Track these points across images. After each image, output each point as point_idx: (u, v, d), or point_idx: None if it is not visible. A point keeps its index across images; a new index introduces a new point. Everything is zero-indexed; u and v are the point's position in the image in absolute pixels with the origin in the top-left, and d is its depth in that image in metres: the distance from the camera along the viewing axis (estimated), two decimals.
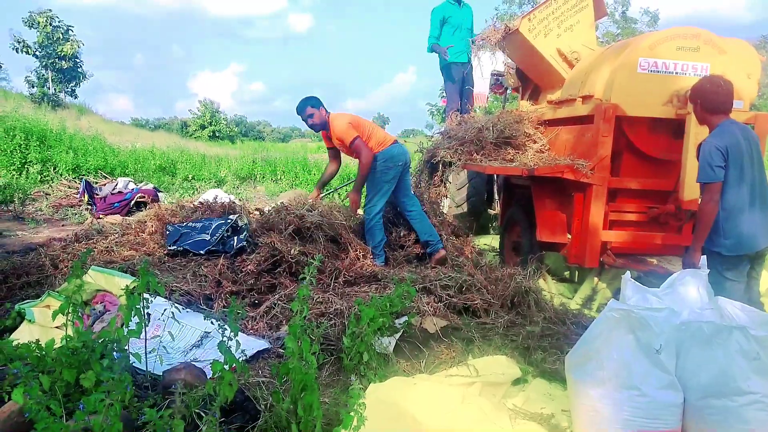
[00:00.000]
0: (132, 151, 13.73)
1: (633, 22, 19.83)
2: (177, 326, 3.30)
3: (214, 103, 43.99)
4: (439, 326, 3.63)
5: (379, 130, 4.92)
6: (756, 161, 3.24)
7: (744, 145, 3.18)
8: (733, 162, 3.13)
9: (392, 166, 4.77)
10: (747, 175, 3.17)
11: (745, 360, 2.18)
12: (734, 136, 3.18)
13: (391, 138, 4.91)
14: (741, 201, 3.15)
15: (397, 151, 4.82)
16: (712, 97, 3.29)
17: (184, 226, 4.75)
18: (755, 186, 3.20)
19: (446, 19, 6.72)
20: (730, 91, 3.30)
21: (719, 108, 3.29)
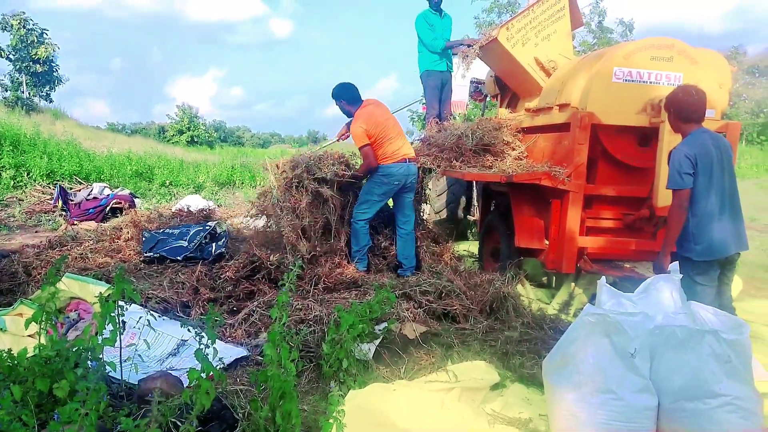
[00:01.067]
0: (108, 156, 13.52)
1: (609, 31, 20.16)
2: (153, 334, 3.24)
3: (192, 108, 43.51)
4: (418, 332, 3.64)
5: (393, 143, 4.78)
6: (726, 169, 3.31)
7: (714, 153, 3.26)
8: (703, 169, 3.20)
9: (387, 182, 4.78)
10: (717, 183, 3.24)
11: (716, 363, 2.23)
12: (704, 144, 3.26)
13: (400, 155, 4.78)
14: (711, 207, 3.22)
15: (396, 171, 4.76)
16: (685, 106, 3.37)
17: (161, 233, 4.70)
18: (725, 193, 3.27)
19: (431, 26, 6.76)
20: (702, 100, 3.37)
21: (692, 117, 3.36)
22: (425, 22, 6.76)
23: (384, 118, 4.83)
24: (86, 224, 7.73)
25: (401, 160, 4.78)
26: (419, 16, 6.84)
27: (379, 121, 4.76)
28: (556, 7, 5.46)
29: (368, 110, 4.83)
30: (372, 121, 4.73)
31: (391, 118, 4.94)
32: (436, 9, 6.78)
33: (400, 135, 4.89)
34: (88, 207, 8.75)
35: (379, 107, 4.90)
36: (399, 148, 4.80)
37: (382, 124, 4.76)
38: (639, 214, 4.44)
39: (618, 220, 4.64)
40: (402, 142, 4.87)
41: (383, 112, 4.89)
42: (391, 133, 4.79)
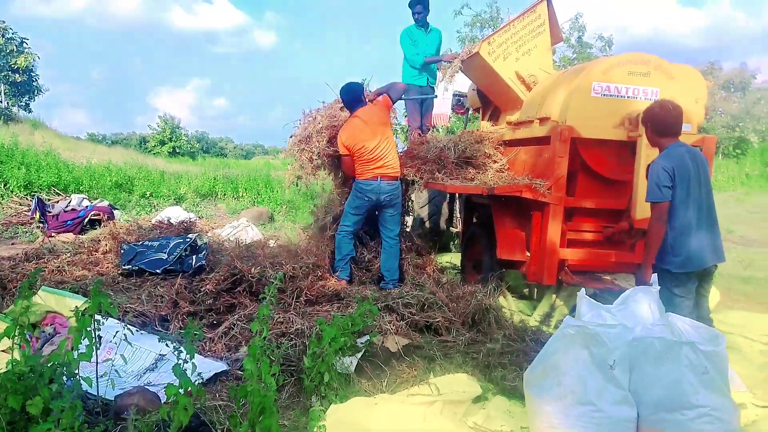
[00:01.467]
0: (87, 167, 13.32)
1: (588, 47, 20.51)
2: (130, 349, 3.19)
3: (174, 119, 43.22)
4: (401, 345, 3.63)
5: (370, 161, 4.83)
6: (703, 182, 3.37)
7: (691, 166, 3.32)
8: (680, 182, 3.26)
9: (359, 197, 4.90)
10: (694, 195, 3.30)
11: (694, 375, 2.26)
12: (682, 157, 3.32)
13: (373, 173, 4.83)
14: (688, 220, 3.28)
15: (365, 187, 4.84)
16: (662, 120, 3.43)
17: (140, 245, 4.64)
18: (702, 206, 3.33)
19: (414, 42, 6.80)
20: (679, 114, 3.44)
21: (668, 131, 3.43)
22: (408, 37, 6.82)
23: (365, 134, 4.82)
24: (64, 236, 7.58)
25: (373, 178, 4.83)
26: (404, 31, 6.89)
27: (359, 137, 4.82)
28: (536, 23, 5.54)
29: (354, 123, 4.89)
30: (352, 136, 4.82)
31: (375, 135, 4.85)
32: (421, 25, 6.83)
33: (381, 152, 4.85)
34: (66, 219, 8.60)
35: (366, 122, 4.86)
36: (376, 166, 4.83)
37: (361, 141, 4.81)
38: (618, 226, 4.50)
39: (598, 232, 4.69)
40: (383, 160, 4.85)
41: (369, 127, 4.85)
42: (367, 152, 4.81)
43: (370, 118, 4.88)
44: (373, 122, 4.87)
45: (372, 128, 4.84)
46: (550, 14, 5.62)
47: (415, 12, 6.74)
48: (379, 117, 4.90)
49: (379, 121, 4.88)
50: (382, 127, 4.90)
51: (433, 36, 6.95)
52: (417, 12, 6.74)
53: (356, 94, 5.02)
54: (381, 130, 4.89)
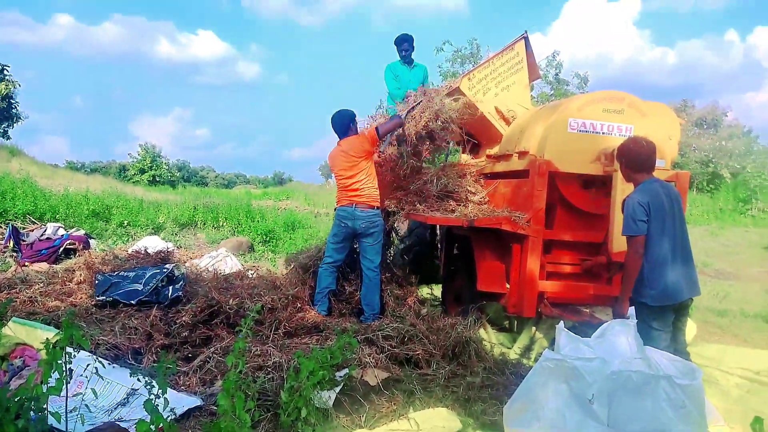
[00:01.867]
0: (65, 195, 13.13)
1: (565, 84, 21.10)
2: (101, 383, 3.10)
3: (155, 147, 43.03)
4: (380, 378, 3.58)
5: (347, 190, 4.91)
6: (677, 216, 3.44)
7: (666, 201, 3.39)
8: (656, 217, 3.32)
9: (337, 224, 4.97)
10: (668, 229, 3.36)
11: (671, 409, 2.27)
12: (656, 192, 3.39)
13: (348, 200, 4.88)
14: (664, 254, 3.33)
15: (343, 214, 4.92)
16: (636, 156, 3.52)
17: (116, 275, 4.56)
18: (677, 239, 3.39)
19: (396, 77, 6.91)
20: (652, 151, 3.54)
21: (642, 166, 3.51)
22: (392, 72, 6.95)
23: (343, 164, 4.92)
24: (38, 266, 7.41)
25: (348, 204, 4.89)
26: (388, 66, 7.02)
27: (337, 165, 4.99)
28: (514, 60, 5.70)
29: (335, 152, 5.05)
30: (332, 163, 5.07)
31: (352, 167, 4.89)
32: (406, 61, 6.94)
33: (357, 183, 4.89)
34: (41, 248, 8.41)
35: (345, 152, 4.92)
36: (352, 194, 4.89)
37: (333, 165, 5.05)
38: (596, 259, 4.55)
39: (576, 265, 4.74)
40: (359, 191, 4.88)
41: (346, 158, 4.92)
42: (343, 179, 4.93)
43: (349, 149, 4.92)
44: (351, 155, 4.90)
45: (349, 160, 4.89)
46: (528, 52, 5.79)
47: (401, 49, 6.88)
48: (357, 150, 4.90)
49: (356, 154, 4.89)
50: (360, 161, 4.90)
51: (417, 71, 7.06)
52: (404, 49, 6.88)
53: (343, 124, 5.09)
54: (359, 164, 4.90)
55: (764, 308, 6.87)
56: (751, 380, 4.22)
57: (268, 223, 12.90)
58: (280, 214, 14.34)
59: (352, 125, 5.13)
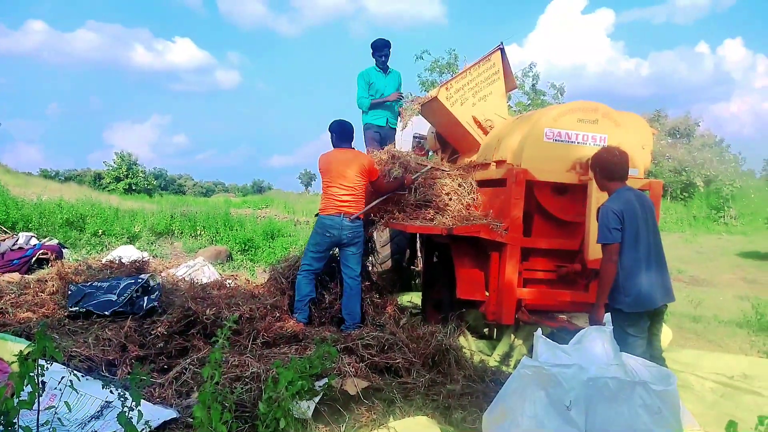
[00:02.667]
0: (38, 203, 12.86)
1: (542, 94, 21.45)
2: (75, 396, 3.02)
3: (132, 155, 42.37)
4: (360, 387, 3.56)
5: (333, 195, 4.86)
6: (651, 224, 3.50)
7: (639, 209, 3.45)
8: (629, 225, 3.38)
9: (320, 232, 4.88)
10: (642, 237, 3.42)
11: (647, 414, 2.30)
12: (629, 201, 3.45)
13: (336, 209, 4.85)
14: (638, 261, 3.38)
15: (327, 222, 4.86)
16: (609, 165, 3.58)
17: (89, 286, 4.46)
18: (651, 247, 3.44)
19: (370, 84, 6.95)
20: (625, 160, 3.60)
21: (615, 175, 3.57)
22: (363, 80, 6.95)
23: (336, 166, 4.88)
24: (9, 276, 7.21)
25: (335, 213, 4.83)
26: (361, 73, 7.03)
27: (329, 166, 4.91)
28: (491, 71, 5.77)
29: (332, 157, 5.01)
30: (327, 164, 4.95)
31: (345, 172, 4.87)
32: (381, 66, 6.98)
33: (345, 189, 4.87)
34: (13, 258, 8.22)
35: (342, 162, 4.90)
36: (339, 201, 4.85)
37: (327, 170, 4.91)
38: (572, 266, 4.61)
39: (553, 272, 4.79)
40: (346, 197, 4.87)
41: (341, 161, 4.91)
42: (333, 184, 4.85)
43: (353, 163, 4.90)
44: (355, 170, 4.88)
45: (349, 173, 4.87)
46: (504, 63, 5.87)
47: (381, 54, 6.89)
48: (362, 171, 4.91)
49: (359, 173, 4.89)
50: (360, 180, 4.91)
51: (392, 77, 7.10)
52: (384, 54, 6.90)
53: (349, 134, 5.11)
54: (359, 181, 4.90)
55: (737, 314, 7.02)
56: (725, 385, 4.31)
57: (247, 232, 12.77)
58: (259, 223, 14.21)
59: (352, 137, 5.15)
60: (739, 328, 6.47)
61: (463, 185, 5.33)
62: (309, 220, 20.97)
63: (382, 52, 6.89)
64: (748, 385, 4.32)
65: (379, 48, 6.88)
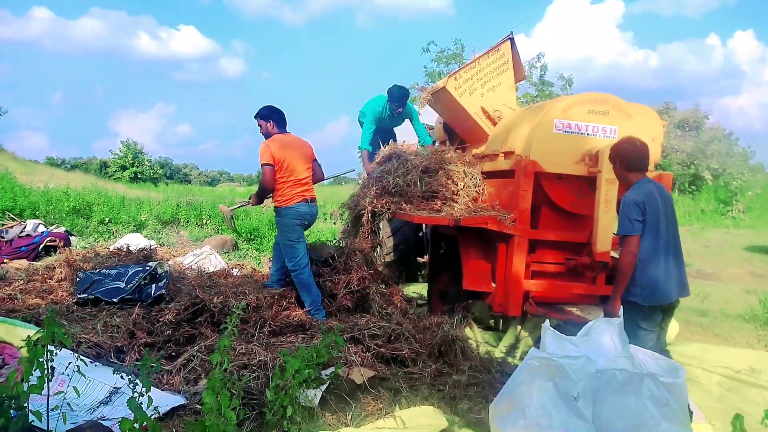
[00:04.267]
0: (45, 191, 12.90)
1: (550, 85, 21.28)
2: (83, 381, 3.05)
3: (137, 144, 42.41)
4: (366, 377, 3.57)
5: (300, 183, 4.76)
6: (670, 216, 3.43)
7: (660, 201, 3.37)
8: (650, 216, 3.30)
9: (298, 223, 4.78)
10: (662, 230, 3.34)
11: (655, 406, 2.29)
12: (651, 192, 3.37)
13: (304, 195, 4.78)
14: (656, 253, 3.32)
15: (303, 210, 4.79)
16: (631, 156, 3.49)
17: (97, 273, 4.48)
18: (669, 240, 3.37)
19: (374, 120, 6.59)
20: (646, 151, 3.52)
21: (636, 166, 3.48)
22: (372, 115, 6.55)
23: (298, 159, 4.79)
24: (17, 263, 7.28)
25: (303, 201, 4.78)
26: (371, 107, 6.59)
27: (293, 157, 4.75)
28: (500, 61, 5.72)
29: (283, 137, 4.83)
30: (282, 148, 4.73)
31: (305, 157, 4.85)
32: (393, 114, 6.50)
33: (307, 177, 4.85)
34: (21, 245, 8.27)
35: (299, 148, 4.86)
36: (306, 189, 4.82)
37: (290, 156, 4.73)
38: (580, 259, 4.59)
39: (560, 264, 4.78)
40: (309, 183, 4.87)
41: (301, 154, 4.85)
42: (295, 174, 4.74)
43: (306, 149, 4.89)
44: (309, 156, 4.89)
45: (307, 159, 4.86)
46: (514, 53, 5.82)
47: (395, 107, 6.39)
48: (311, 154, 4.94)
49: (311, 157, 4.92)
50: (310, 162, 4.90)
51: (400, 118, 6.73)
52: (402, 105, 6.40)
53: (284, 117, 4.96)
54: (306, 155, 4.88)
55: (744, 308, 6.99)
56: (732, 378, 4.29)
57: (253, 221, 12.80)
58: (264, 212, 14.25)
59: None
60: (746, 322, 6.44)
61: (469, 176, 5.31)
62: None
63: (399, 103, 6.36)
64: (754, 379, 4.30)
65: (396, 99, 6.33)
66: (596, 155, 4.36)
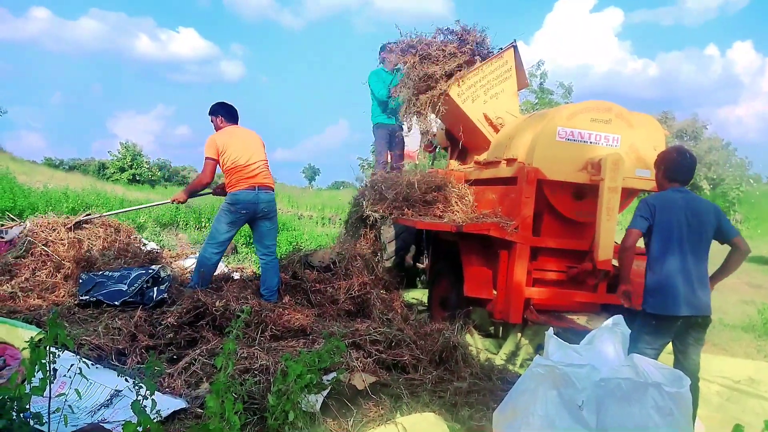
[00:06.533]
0: (44, 192, 12.89)
1: (549, 93, 21.35)
2: (84, 384, 3.04)
3: (136, 146, 42.32)
4: (368, 382, 3.57)
5: (244, 169, 4.74)
6: (694, 229, 3.27)
7: (683, 211, 3.27)
8: (661, 218, 3.26)
9: (234, 210, 4.77)
10: (676, 238, 3.25)
11: (659, 416, 2.29)
12: (671, 198, 3.32)
13: (249, 182, 4.74)
14: (664, 259, 3.26)
15: (243, 198, 4.73)
16: (676, 166, 3.43)
17: (100, 275, 4.47)
18: (686, 251, 3.25)
19: (382, 81, 6.94)
20: (693, 165, 3.47)
21: (677, 177, 3.43)
22: (377, 77, 6.96)
23: (248, 149, 4.81)
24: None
25: (249, 188, 4.74)
26: (373, 73, 7.01)
27: (236, 141, 4.79)
28: (503, 68, 5.75)
29: (231, 129, 4.92)
30: (228, 138, 4.80)
31: (254, 146, 4.88)
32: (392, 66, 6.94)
33: (257, 163, 4.83)
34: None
35: (246, 133, 4.93)
36: (252, 176, 4.77)
37: (235, 144, 4.77)
38: (582, 267, 4.59)
39: (562, 272, 4.78)
40: (259, 170, 4.83)
41: (248, 137, 4.90)
42: (242, 159, 4.75)
43: (254, 139, 4.94)
44: (255, 142, 4.92)
45: (256, 147, 4.89)
46: (517, 61, 5.84)
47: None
48: (260, 142, 4.98)
49: (259, 144, 4.95)
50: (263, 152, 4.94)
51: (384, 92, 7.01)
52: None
53: (235, 111, 5.04)
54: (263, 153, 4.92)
55: (742, 318, 7.00)
56: (731, 388, 4.31)
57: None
58: None
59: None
60: (745, 332, 6.45)
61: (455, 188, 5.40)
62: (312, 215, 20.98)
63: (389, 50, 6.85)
64: (754, 389, 4.33)
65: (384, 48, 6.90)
66: (599, 163, 4.37)
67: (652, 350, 3.25)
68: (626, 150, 4.54)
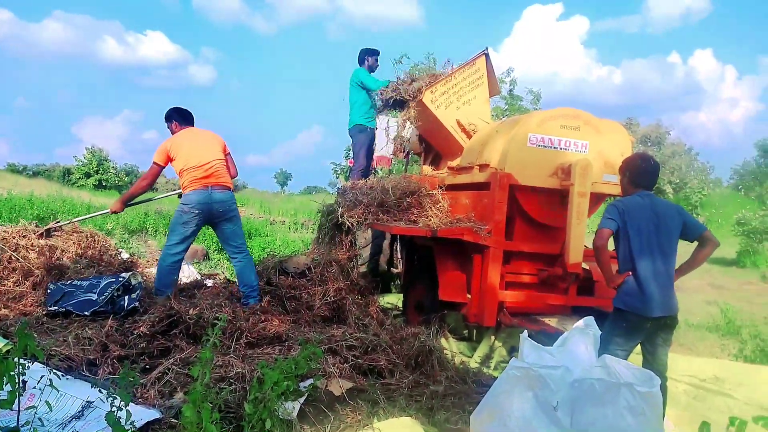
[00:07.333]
0: (8, 198, 12.52)
1: (519, 99, 21.72)
2: (55, 395, 2.96)
3: (102, 151, 41.35)
4: (344, 388, 3.57)
5: (197, 170, 4.66)
6: (663, 232, 3.37)
7: (649, 213, 3.38)
8: (629, 220, 3.36)
9: (187, 211, 4.68)
10: (644, 240, 3.34)
11: (632, 416, 2.35)
12: (638, 202, 3.42)
13: (202, 183, 4.66)
14: (633, 260, 3.36)
15: (195, 198, 4.64)
16: (641, 172, 3.53)
17: (68, 285, 4.35)
18: (655, 252, 3.35)
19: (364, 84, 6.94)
20: (656, 171, 3.58)
21: (641, 183, 3.53)
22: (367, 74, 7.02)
23: (197, 142, 4.78)
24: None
25: (202, 187, 4.66)
26: (358, 70, 7.05)
27: (188, 143, 4.74)
28: (475, 75, 5.85)
29: (185, 132, 4.87)
30: (181, 141, 4.75)
31: (207, 146, 4.80)
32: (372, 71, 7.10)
33: (211, 163, 4.73)
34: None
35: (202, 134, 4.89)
36: (205, 176, 4.68)
37: (187, 147, 4.72)
38: (552, 270, 4.69)
39: (534, 275, 4.88)
40: (213, 170, 4.73)
41: (202, 138, 4.86)
42: (194, 160, 4.67)
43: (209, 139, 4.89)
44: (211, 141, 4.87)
45: (209, 147, 4.81)
46: (488, 68, 5.96)
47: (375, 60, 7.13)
48: (220, 143, 4.92)
49: (220, 146, 4.89)
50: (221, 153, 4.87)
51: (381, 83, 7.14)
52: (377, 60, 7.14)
53: (190, 114, 5.02)
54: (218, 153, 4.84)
55: (707, 318, 7.22)
56: (698, 387, 4.44)
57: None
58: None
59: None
60: (709, 332, 6.66)
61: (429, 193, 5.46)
62: (285, 220, 20.84)
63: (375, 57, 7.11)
64: (719, 387, 4.47)
65: (373, 53, 7.12)
66: (569, 169, 4.48)
67: (623, 351, 3.34)
68: (594, 156, 4.66)
